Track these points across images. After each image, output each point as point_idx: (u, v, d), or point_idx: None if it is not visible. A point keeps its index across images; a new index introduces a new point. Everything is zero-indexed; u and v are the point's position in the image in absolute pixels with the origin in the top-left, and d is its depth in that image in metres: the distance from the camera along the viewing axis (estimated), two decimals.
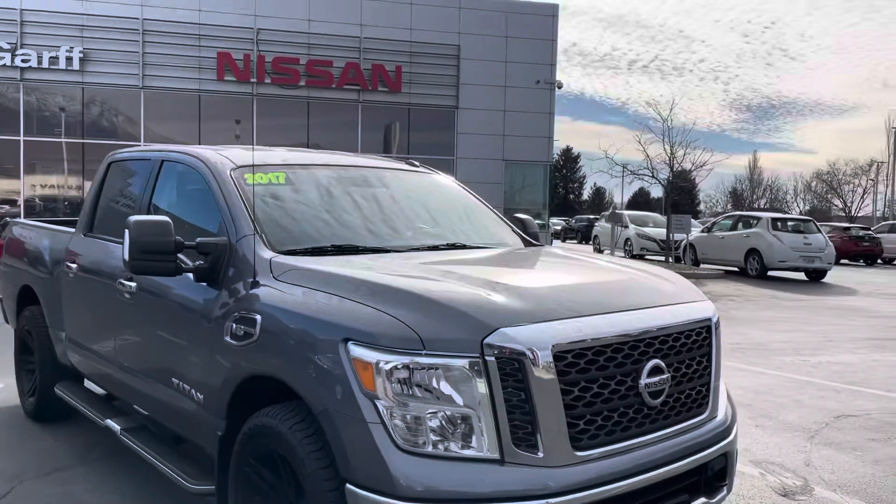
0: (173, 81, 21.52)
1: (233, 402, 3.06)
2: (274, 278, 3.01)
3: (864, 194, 65.02)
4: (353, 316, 2.56)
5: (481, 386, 2.37)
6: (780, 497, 4.07)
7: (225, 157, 3.75)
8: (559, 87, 23.24)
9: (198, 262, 3.28)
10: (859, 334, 10.44)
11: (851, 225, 32.27)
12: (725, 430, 3.02)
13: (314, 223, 3.59)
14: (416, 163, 4.61)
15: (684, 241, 21.91)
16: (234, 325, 3.01)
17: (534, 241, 4.29)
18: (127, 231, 3.23)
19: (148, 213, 4.09)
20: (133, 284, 3.85)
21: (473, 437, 2.38)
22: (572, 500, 2.40)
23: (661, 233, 23.62)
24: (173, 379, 3.50)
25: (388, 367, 2.40)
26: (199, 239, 3.31)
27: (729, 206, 68.99)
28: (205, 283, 3.32)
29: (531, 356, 2.41)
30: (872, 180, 64.24)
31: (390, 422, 2.39)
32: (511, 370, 2.40)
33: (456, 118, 23.28)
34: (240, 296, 3.09)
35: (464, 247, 3.75)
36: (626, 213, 28.65)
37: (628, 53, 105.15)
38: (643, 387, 2.67)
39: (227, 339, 3.04)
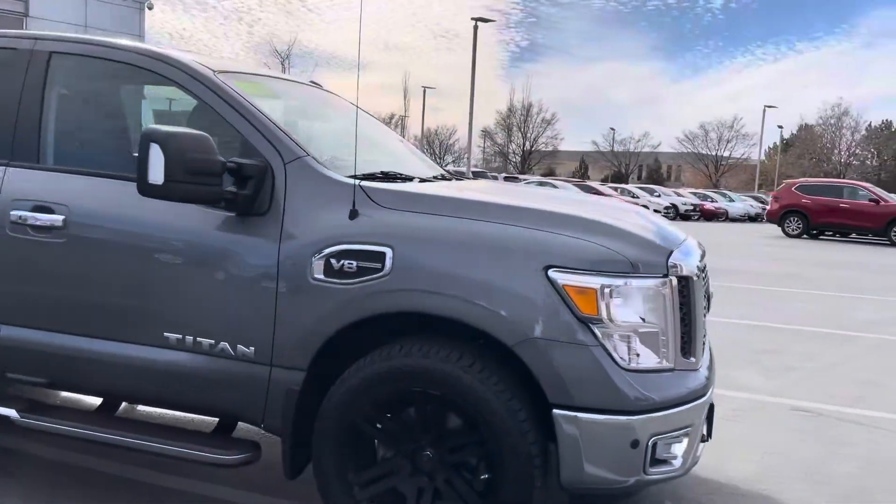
0: None
1: (322, 349, 2.67)
2: (380, 206, 2.69)
3: None
4: (550, 244, 2.52)
5: (669, 302, 2.61)
6: None
7: (195, 59, 3.03)
8: (150, 8, 21.28)
9: (234, 189, 2.70)
10: None
11: None
12: None
13: (339, 144, 3.17)
14: (320, 84, 4.23)
15: None
16: (334, 261, 2.62)
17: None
18: (156, 145, 2.53)
19: (40, 127, 3.04)
20: (58, 218, 2.88)
21: (663, 350, 2.61)
22: (712, 394, 2.83)
23: None
24: (168, 335, 2.80)
25: (609, 290, 2.47)
26: (236, 159, 2.72)
27: None
28: (232, 214, 2.75)
29: (694, 273, 2.73)
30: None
31: (609, 343, 2.48)
32: (682, 287, 2.68)
33: (24, 28, 19.65)
34: (325, 227, 2.67)
35: (453, 177, 3.70)
36: None
37: None
38: (709, 295, 3.19)
39: (320, 276, 2.62)
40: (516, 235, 2.56)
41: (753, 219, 37.03)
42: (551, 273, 2.47)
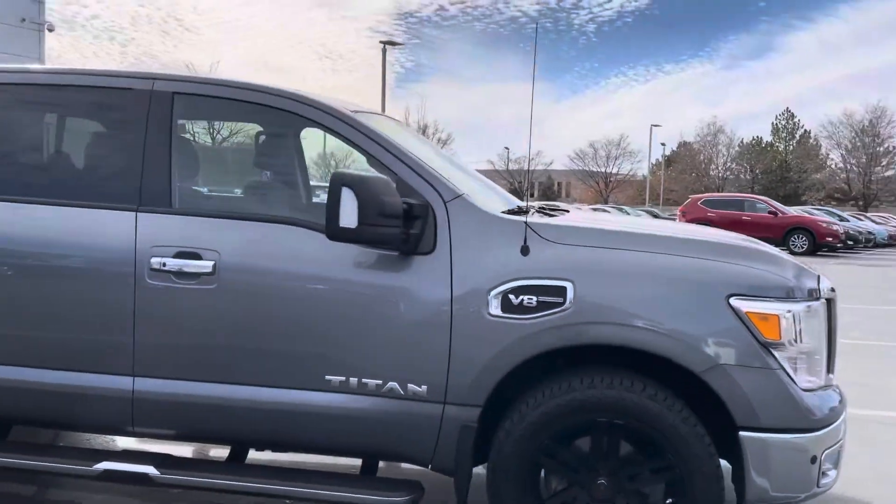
0: None
1: (500, 384, 2.70)
2: (549, 241, 2.75)
3: None
4: (728, 273, 2.66)
5: (823, 323, 2.80)
6: None
7: (334, 100, 3.02)
8: (50, 30, 20.16)
9: (405, 229, 2.71)
10: None
11: None
12: None
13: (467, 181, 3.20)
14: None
15: None
16: (512, 297, 2.66)
17: None
18: (348, 190, 2.53)
19: (170, 169, 2.91)
20: (207, 264, 2.77)
21: (817, 368, 2.79)
22: None
23: None
24: (330, 377, 2.76)
25: (790, 315, 2.63)
26: (407, 200, 2.72)
27: None
28: (395, 254, 2.75)
29: (832, 296, 2.94)
30: None
31: (787, 365, 2.64)
32: (826, 309, 2.88)
33: None
34: (498, 264, 2.71)
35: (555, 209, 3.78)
36: None
37: None
38: None
39: (497, 312, 2.66)
40: (695, 266, 2.69)
41: None
42: (733, 301, 2.61)
